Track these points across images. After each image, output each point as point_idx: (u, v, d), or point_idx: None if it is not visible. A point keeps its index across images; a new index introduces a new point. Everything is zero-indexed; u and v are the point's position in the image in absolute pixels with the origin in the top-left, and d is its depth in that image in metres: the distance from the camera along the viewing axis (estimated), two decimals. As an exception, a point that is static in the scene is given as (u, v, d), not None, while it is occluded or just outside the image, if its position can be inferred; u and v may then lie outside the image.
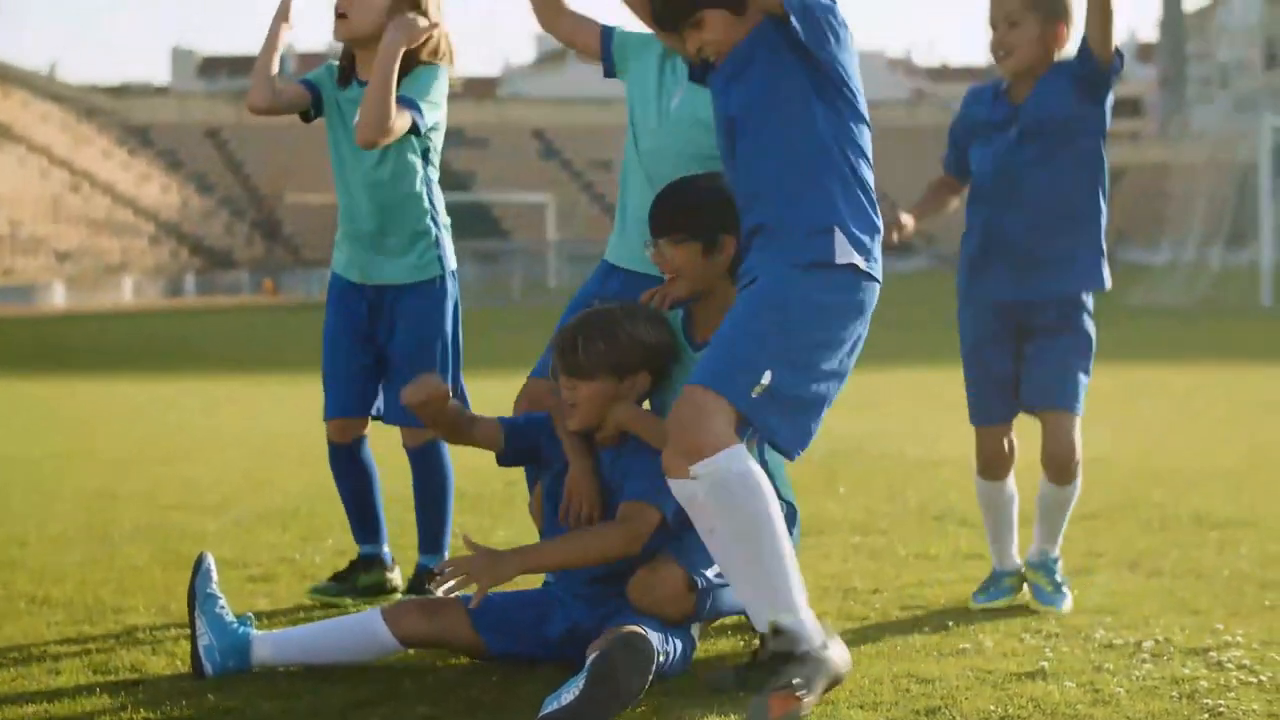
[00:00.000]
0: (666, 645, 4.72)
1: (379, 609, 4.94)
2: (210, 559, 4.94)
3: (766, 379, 4.36)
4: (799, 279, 4.46)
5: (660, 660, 4.61)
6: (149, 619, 5.62)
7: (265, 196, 70.08)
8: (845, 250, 4.47)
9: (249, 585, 6.18)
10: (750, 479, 4.36)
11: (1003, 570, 5.93)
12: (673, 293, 5.04)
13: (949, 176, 6.00)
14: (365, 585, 6.01)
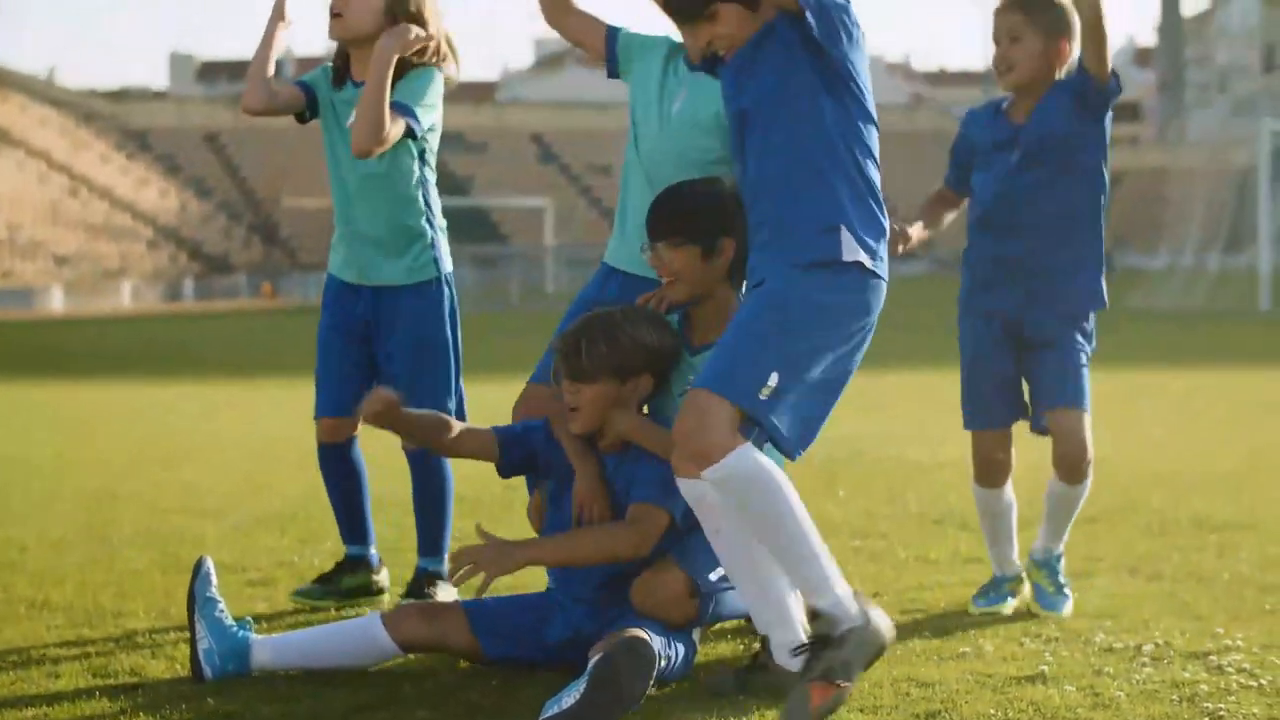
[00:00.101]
0: (669, 650, 4.71)
1: (378, 613, 4.94)
2: (210, 563, 4.93)
3: (773, 381, 4.36)
4: (804, 280, 4.45)
5: (662, 665, 4.61)
6: (148, 623, 5.61)
7: (263, 200, 70.08)
8: (851, 248, 4.47)
9: (248, 589, 6.18)
10: (762, 475, 4.37)
11: (1003, 575, 5.93)
12: (670, 296, 5.02)
13: (948, 190, 6.01)
14: (350, 587, 5.99)
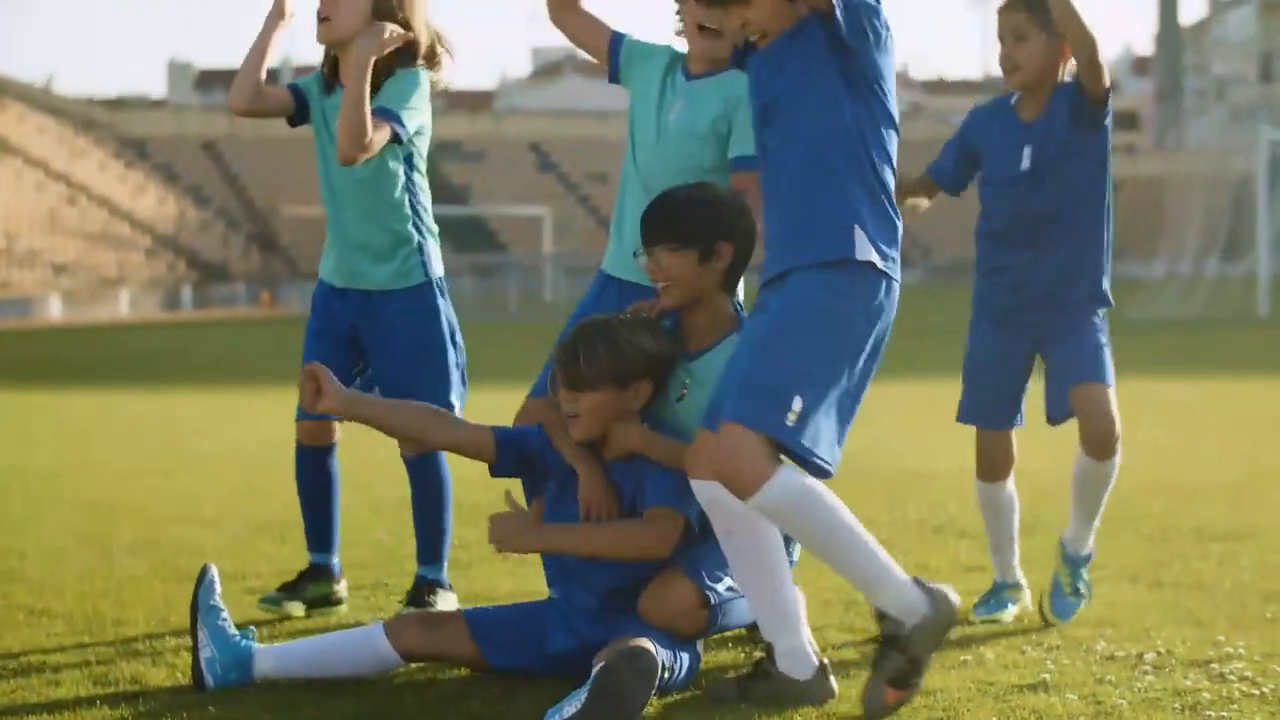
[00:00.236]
0: (673, 661, 4.70)
1: (380, 623, 4.93)
2: (214, 570, 4.92)
3: (796, 405, 4.39)
4: (816, 285, 4.46)
5: (665, 677, 4.61)
6: (148, 631, 5.61)
7: (261, 209, 70.05)
8: (865, 248, 4.47)
9: (248, 597, 6.16)
10: (802, 496, 4.42)
11: (1003, 582, 5.92)
12: (665, 302, 5.00)
13: (928, 178, 5.98)
14: (312, 597, 5.95)
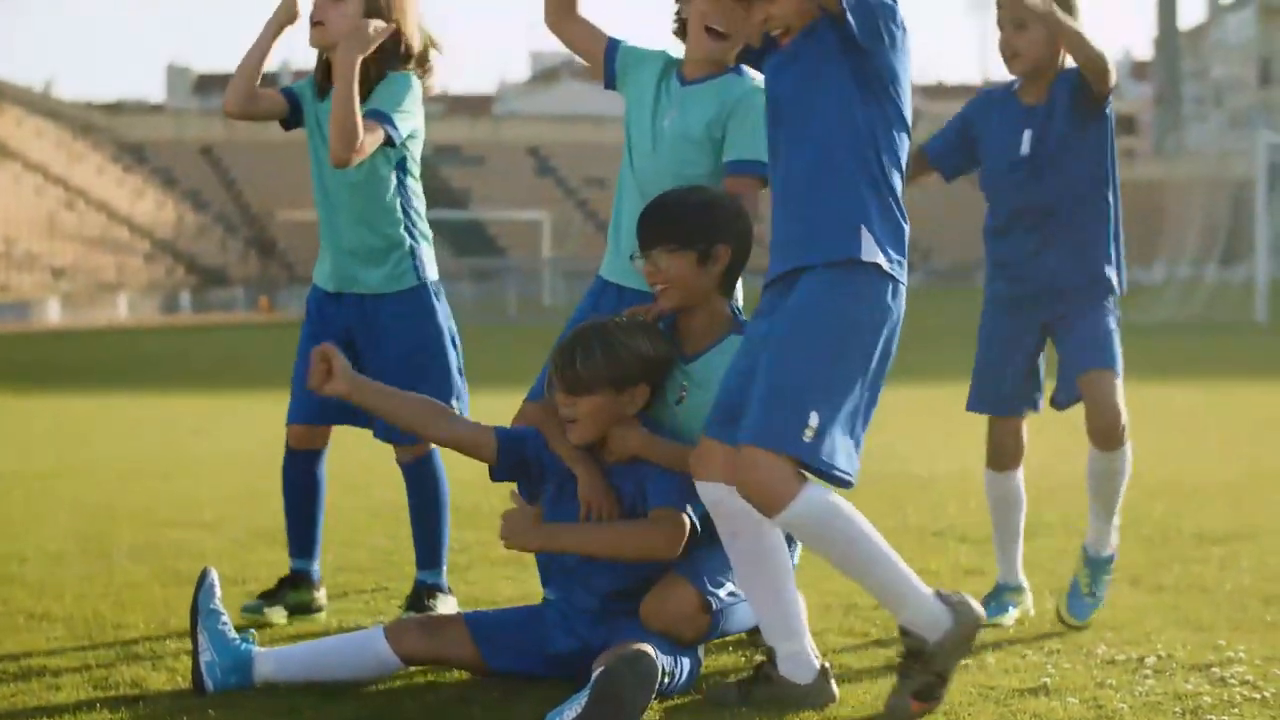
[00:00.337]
0: (673, 666, 4.70)
1: (381, 627, 4.92)
2: (214, 574, 4.92)
3: (813, 421, 4.40)
4: (823, 296, 4.46)
5: (665, 681, 4.60)
6: (149, 634, 5.60)
7: (259, 214, 70.07)
8: (871, 249, 4.47)
9: (247, 601, 6.14)
10: (826, 514, 4.45)
11: (1005, 584, 5.91)
12: (661, 305, 5.00)
13: (922, 154, 5.96)
14: (293, 604, 5.93)
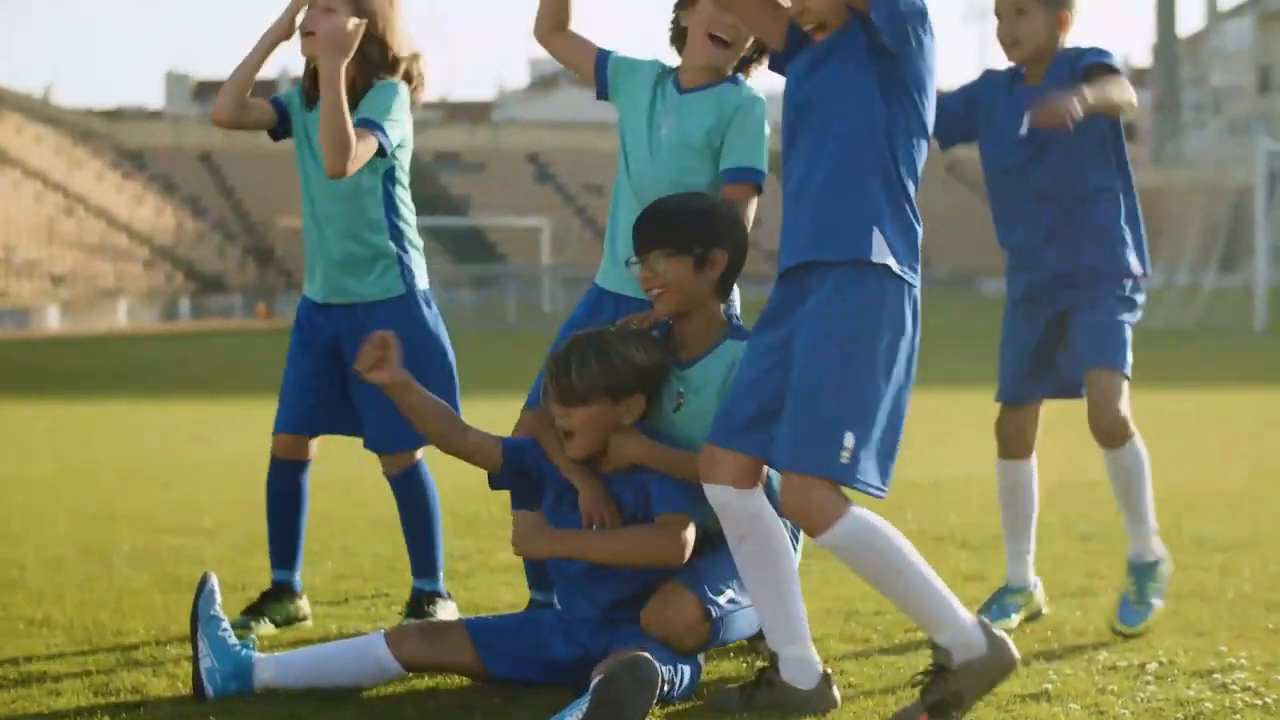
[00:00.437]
0: (674, 673, 4.69)
1: (382, 633, 4.92)
2: (214, 580, 4.91)
3: (848, 441, 4.40)
4: (837, 309, 4.44)
5: (665, 689, 4.59)
6: (149, 641, 5.59)
7: (257, 221, 70.06)
8: (882, 250, 4.46)
9: (248, 607, 6.14)
10: (869, 536, 4.45)
11: (1009, 586, 5.90)
12: (657, 311, 4.99)
13: None
14: (279, 616, 5.89)
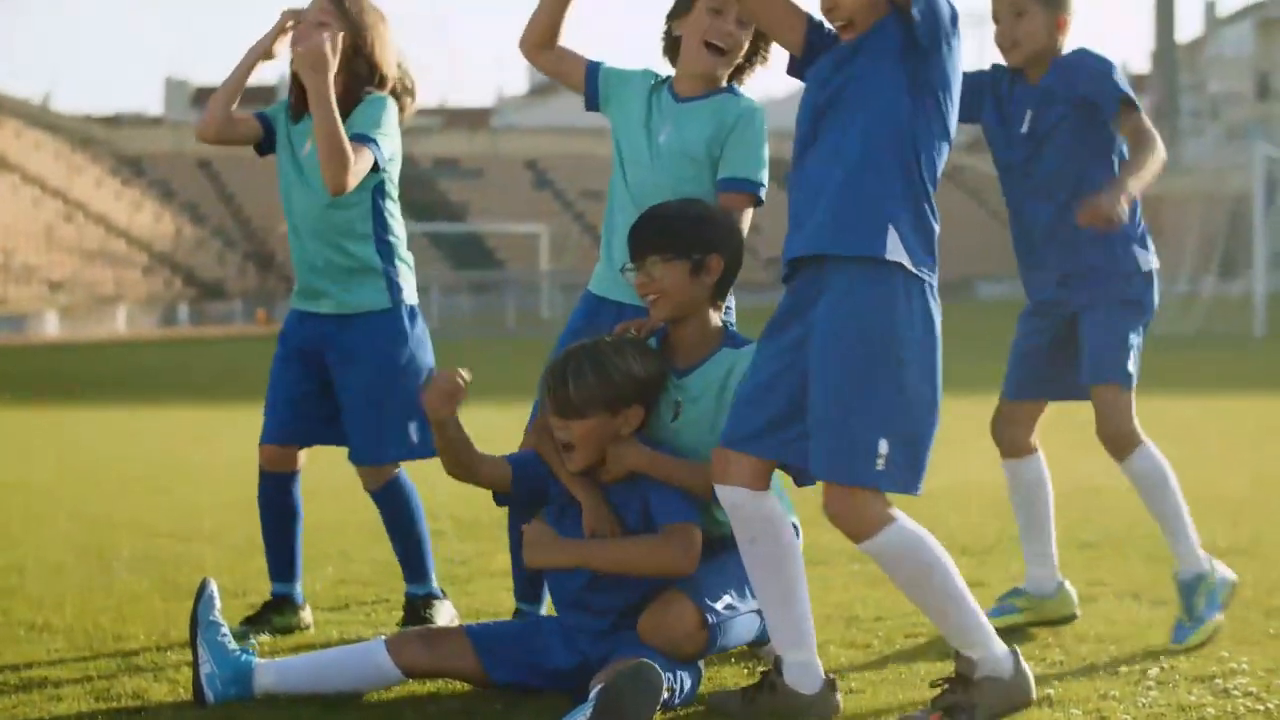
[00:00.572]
0: (674, 681, 4.68)
1: (382, 639, 4.91)
2: (213, 585, 4.91)
3: (883, 449, 4.43)
4: (856, 310, 4.44)
5: (666, 696, 4.58)
6: (149, 646, 5.59)
7: (257, 228, 70.08)
8: (896, 249, 4.44)
9: (247, 613, 6.13)
10: (911, 548, 4.51)
11: (1019, 589, 5.91)
12: (653, 318, 4.98)
13: None
14: (279, 627, 5.90)
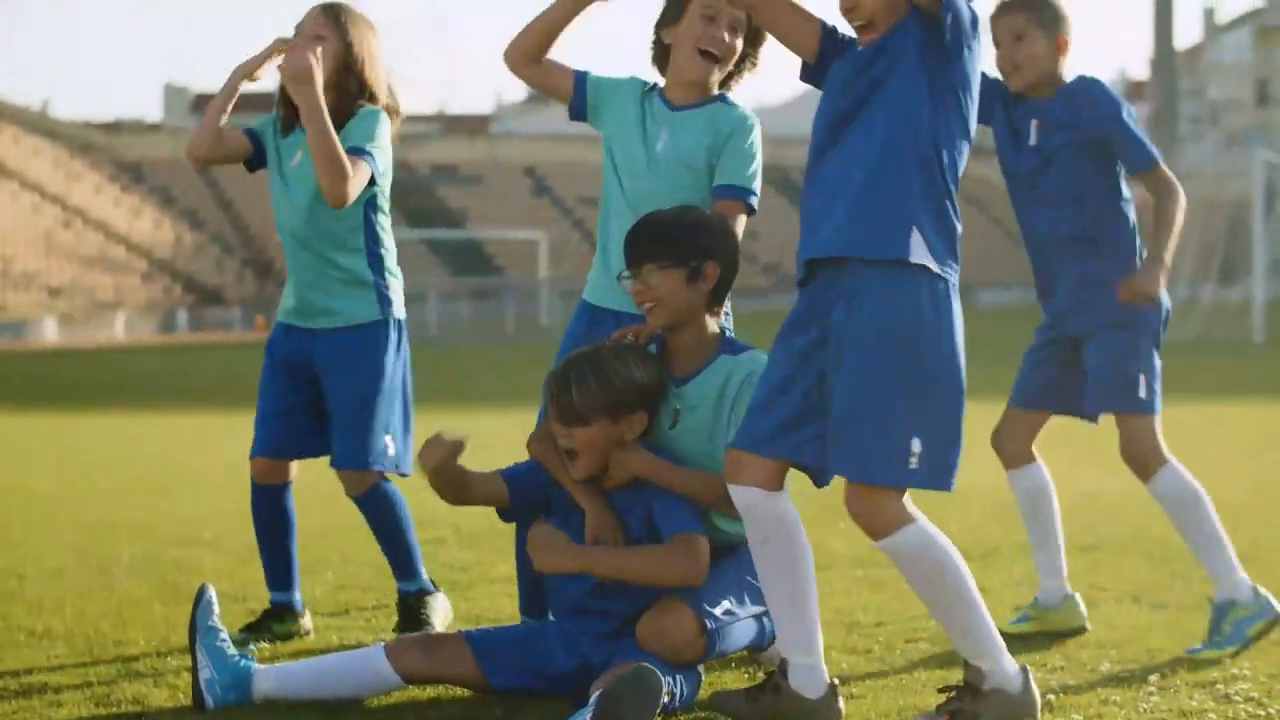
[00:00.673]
0: (673, 686, 4.67)
1: (382, 645, 4.90)
2: (212, 591, 4.90)
3: (916, 447, 4.41)
4: (880, 312, 4.41)
5: (665, 700, 4.58)
6: (149, 652, 5.59)
7: (256, 234, 70.08)
8: (920, 251, 4.43)
9: (247, 618, 6.13)
10: (929, 551, 4.47)
11: (1037, 597, 5.92)
12: (650, 324, 4.98)
13: None
14: (280, 634, 5.89)
